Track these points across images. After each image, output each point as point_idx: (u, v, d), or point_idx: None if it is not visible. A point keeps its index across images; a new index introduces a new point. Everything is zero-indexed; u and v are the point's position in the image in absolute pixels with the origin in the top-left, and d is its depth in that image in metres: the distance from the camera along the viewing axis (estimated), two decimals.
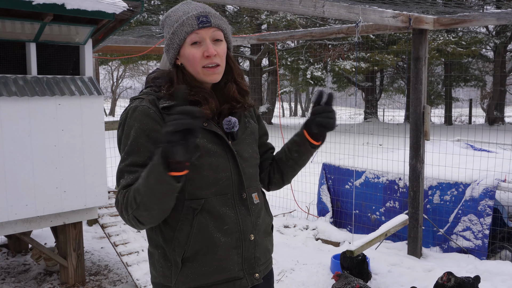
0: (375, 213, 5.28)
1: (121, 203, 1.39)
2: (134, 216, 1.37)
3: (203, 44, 1.47)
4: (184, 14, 1.47)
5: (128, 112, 1.48)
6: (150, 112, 1.44)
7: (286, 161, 1.68)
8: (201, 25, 1.45)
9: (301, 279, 4.15)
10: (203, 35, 1.46)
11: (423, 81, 4.46)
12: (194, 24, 1.45)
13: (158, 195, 1.30)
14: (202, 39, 1.46)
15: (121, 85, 36.35)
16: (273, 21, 15.21)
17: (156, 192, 1.29)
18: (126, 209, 1.37)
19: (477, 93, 26.12)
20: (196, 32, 1.46)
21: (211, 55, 1.46)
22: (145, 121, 1.43)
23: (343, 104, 35.96)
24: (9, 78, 3.47)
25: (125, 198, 1.37)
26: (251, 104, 1.62)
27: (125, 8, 3.65)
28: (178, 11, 1.50)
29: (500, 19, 4.02)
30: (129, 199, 1.36)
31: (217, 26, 1.48)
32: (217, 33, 1.49)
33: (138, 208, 1.33)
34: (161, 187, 1.27)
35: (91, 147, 3.83)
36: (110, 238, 4.20)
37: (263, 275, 1.62)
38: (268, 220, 1.67)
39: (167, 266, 1.51)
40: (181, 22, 1.46)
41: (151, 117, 1.44)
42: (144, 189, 1.30)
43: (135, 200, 1.33)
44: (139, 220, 1.37)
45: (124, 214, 1.39)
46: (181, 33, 1.46)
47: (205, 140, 1.47)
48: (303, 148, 1.62)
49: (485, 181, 4.45)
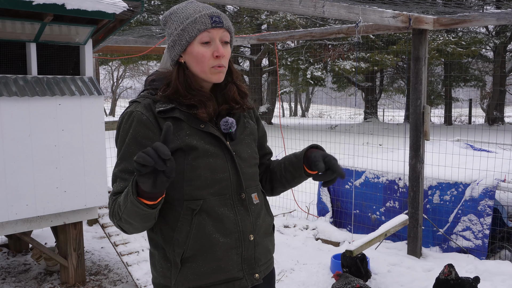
0: (375, 213, 5.29)
1: (109, 209, 1.46)
2: (118, 225, 1.44)
3: (212, 44, 1.47)
4: (196, 12, 1.47)
5: (124, 117, 1.49)
6: (143, 118, 1.45)
7: (280, 178, 1.69)
8: (214, 24, 1.46)
9: (301, 279, 4.16)
10: (214, 35, 1.47)
11: (423, 81, 4.47)
12: (207, 22, 1.46)
13: (134, 216, 1.35)
14: (213, 39, 1.47)
15: (121, 85, 36.36)
16: (273, 21, 15.22)
17: (133, 213, 1.33)
18: (112, 216, 1.45)
19: (477, 93, 26.13)
20: (208, 31, 1.46)
21: (221, 55, 1.47)
22: (137, 128, 1.45)
23: (343, 104, 35.99)
24: (10, 78, 3.48)
25: (112, 207, 1.44)
26: (250, 107, 1.63)
27: (125, 8, 3.65)
28: (188, 9, 1.49)
29: (500, 19, 4.02)
30: (115, 209, 1.42)
31: (228, 28, 1.50)
32: (226, 34, 1.50)
33: (120, 220, 1.40)
34: (136, 210, 1.31)
35: (91, 147, 3.84)
36: (110, 238, 4.21)
37: (264, 276, 1.61)
38: (269, 220, 1.66)
39: (167, 266, 1.52)
40: (193, 20, 1.46)
41: (144, 123, 1.45)
42: (123, 207, 1.35)
43: (118, 213, 1.39)
44: (123, 229, 1.45)
45: (111, 220, 1.46)
46: (192, 30, 1.46)
47: (202, 142, 1.47)
48: (297, 173, 1.63)
49: (485, 181, 4.45)
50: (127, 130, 1.46)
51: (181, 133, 1.46)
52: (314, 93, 34.68)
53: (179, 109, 1.48)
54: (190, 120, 1.48)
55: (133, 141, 1.45)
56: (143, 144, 1.43)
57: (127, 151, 1.45)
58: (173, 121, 1.47)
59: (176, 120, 1.47)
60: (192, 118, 1.48)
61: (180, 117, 1.47)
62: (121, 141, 1.47)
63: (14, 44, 3.61)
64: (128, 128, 1.46)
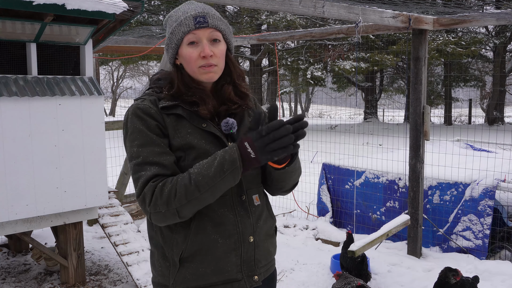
0: (375, 213, 5.29)
1: (156, 196, 1.37)
2: (176, 211, 1.36)
3: (200, 45, 1.48)
4: (183, 14, 1.48)
5: (129, 111, 1.50)
6: (152, 111, 1.47)
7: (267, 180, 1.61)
8: (198, 25, 1.46)
9: (301, 279, 4.16)
10: (200, 35, 1.47)
11: (423, 81, 4.47)
12: (191, 24, 1.46)
13: (224, 188, 1.37)
14: (199, 39, 1.47)
15: (121, 85, 36.35)
16: (273, 22, 15.21)
17: (226, 184, 1.35)
18: (166, 203, 1.36)
19: (476, 93, 26.13)
20: (193, 32, 1.47)
21: (207, 55, 1.46)
22: (146, 118, 1.46)
23: (343, 104, 35.99)
24: (10, 78, 3.48)
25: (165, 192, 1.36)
26: (250, 106, 1.61)
27: (125, 8, 3.65)
28: (179, 11, 1.51)
29: (500, 20, 4.02)
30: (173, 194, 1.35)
31: (215, 26, 1.49)
32: (214, 33, 1.49)
33: (189, 202, 1.35)
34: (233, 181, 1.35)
35: (91, 147, 3.84)
36: (110, 238, 4.21)
37: (263, 278, 1.60)
38: (271, 222, 1.65)
39: (165, 266, 1.52)
40: (179, 22, 1.47)
41: (152, 115, 1.46)
42: (211, 183, 1.34)
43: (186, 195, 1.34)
44: (180, 215, 1.38)
45: (161, 208, 1.37)
46: (178, 33, 1.47)
47: (203, 141, 1.47)
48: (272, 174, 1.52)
49: (485, 181, 4.45)
50: (135, 121, 1.45)
51: (182, 130, 1.47)
52: (314, 93, 34.67)
53: (182, 107, 1.49)
54: (192, 119, 1.48)
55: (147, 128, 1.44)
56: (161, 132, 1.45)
57: (146, 136, 1.43)
58: (175, 118, 1.48)
59: (178, 117, 1.48)
60: (194, 116, 1.49)
61: (182, 115, 1.48)
62: (133, 131, 1.45)
63: (14, 44, 3.61)
64: (137, 119, 1.45)
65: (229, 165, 1.33)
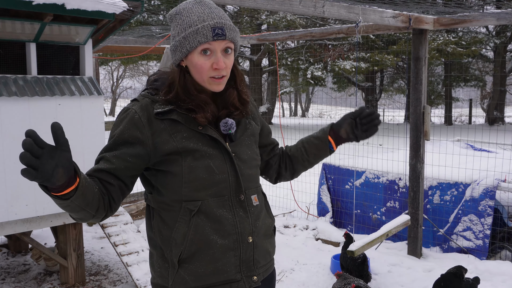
0: (375, 213, 5.28)
1: None
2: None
3: (213, 55, 1.45)
4: (199, 21, 1.44)
5: (120, 113, 1.52)
6: (135, 117, 1.45)
7: (302, 162, 1.80)
8: (216, 37, 1.43)
9: (301, 279, 4.15)
10: (216, 46, 1.44)
11: (423, 81, 4.47)
12: (209, 35, 1.43)
13: (63, 208, 1.33)
14: (214, 50, 1.45)
15: (121, 85, 36.37)
16: (273, 21, 15.21)
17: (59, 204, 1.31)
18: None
19: (477, 93, 26.13)
20: (209, 43, 1.44)
21: (221, 68, 1.45)
22: (127, 125, 1.45)
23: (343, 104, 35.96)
24: (9, 78, 3.48)
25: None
26: (249, 113, 1.61)
27: (125, 8, 3.65)
28: (192, 14, 1.45)
29: (500, 19, 4.02)
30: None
31: (231, 39, 1.47)
32: (229, 44, 1.47)
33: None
34: (57, 202, 1.29)
35: (91, 147, 3.83)
36: (110, 238, 4.20)
37: (263, 278, 1.60)
38: (269, 222, 1.65)
39: (164, 266, 1.51)
40: (195, 30, 1.43)
41: (134, 123, 1.45)
42: None
43: None
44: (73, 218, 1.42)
45: None
46: (193, 41, 1.43)
47: (200, 144, 1.46)
48: (322, 152, 1.77)
49: (485, 181, 4.45)
50: (118, 125, 1.48)
51: (177, 135, 1.46)
52: (314, 93, 34.68)
53: (178, 111, 1.47)
54: (188, 122, 1.47)
55: (120, 137, 1.46)
56: (129, 142, 1.45)
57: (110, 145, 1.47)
58: (170, 123, 1.47)
59: (174, 122, 1.47)
60: (190, 120, 1.48)
61: (177, 119, 1.46)
62: (111, 135, 1.49)
63: (14, 44, 3.61)
64: (119, 124, 1.48)
65: None
